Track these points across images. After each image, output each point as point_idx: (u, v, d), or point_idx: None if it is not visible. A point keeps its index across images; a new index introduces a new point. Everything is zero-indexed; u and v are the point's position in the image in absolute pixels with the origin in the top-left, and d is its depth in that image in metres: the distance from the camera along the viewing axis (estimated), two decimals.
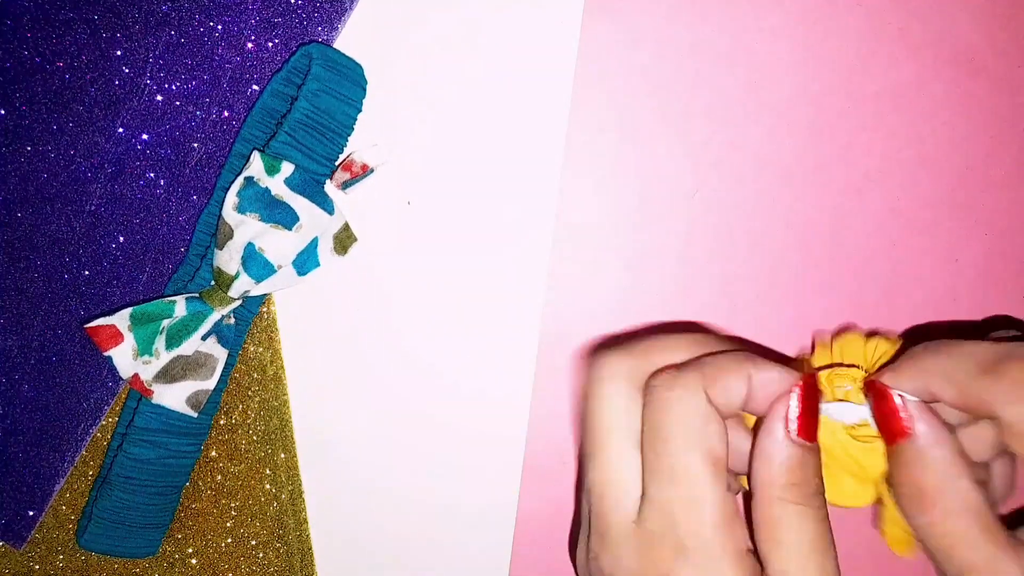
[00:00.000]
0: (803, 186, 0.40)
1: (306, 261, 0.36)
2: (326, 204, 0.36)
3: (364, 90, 0.37)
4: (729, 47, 0.39)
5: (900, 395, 0.28)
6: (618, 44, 0.39)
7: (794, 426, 0.28)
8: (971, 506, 0.27)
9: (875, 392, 0.29)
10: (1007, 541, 0.26)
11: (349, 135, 0.37)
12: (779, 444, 0.28)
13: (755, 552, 0.28)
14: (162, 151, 0.39)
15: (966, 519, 0.26)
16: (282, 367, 0.39)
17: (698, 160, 0.39)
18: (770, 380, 0.28)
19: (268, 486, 0.40)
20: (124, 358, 0.35)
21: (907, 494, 0.27)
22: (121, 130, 0.39)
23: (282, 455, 0.40)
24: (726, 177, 0.40)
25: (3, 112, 0.38)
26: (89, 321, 0.35)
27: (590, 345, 0.40)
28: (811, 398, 0.28)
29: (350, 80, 0.37)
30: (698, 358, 0.29)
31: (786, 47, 0.39)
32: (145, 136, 0.39)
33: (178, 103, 0.38)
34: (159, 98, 0.38)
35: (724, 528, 0.27)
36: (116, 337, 0.35)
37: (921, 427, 0.28)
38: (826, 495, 0.29)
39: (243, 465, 0.40)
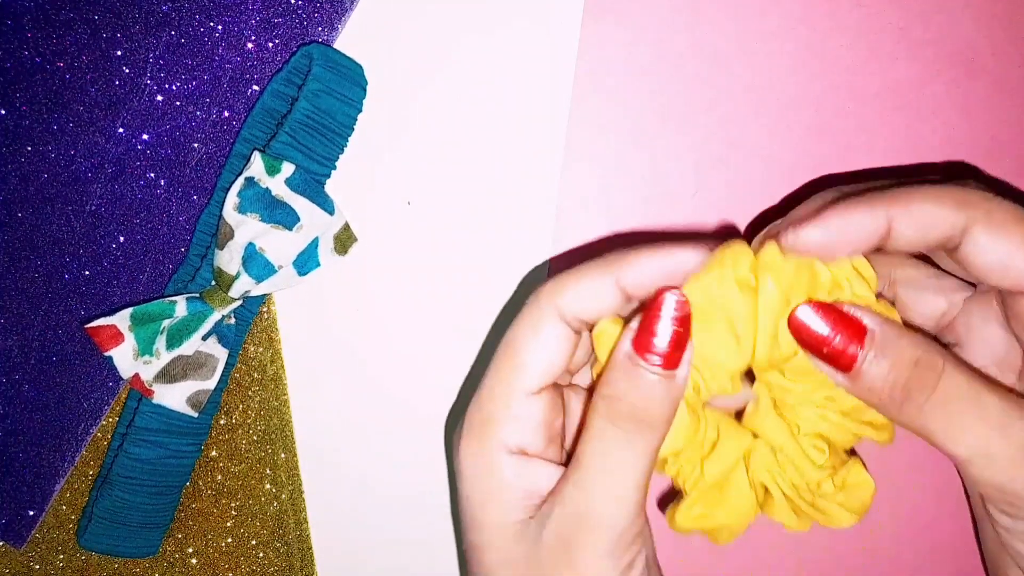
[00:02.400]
0: (804, 186, 0.40)
1: (307, 261, 0.36)
2: (326, 204, 0.36)
3: (364, 90, 0.37)
4: (730, 47, 0.39)
5: (822, 323, 0.25)
6: (618, 44, 0.39)
7: (629, 342, 0.26)
8: (959, 359, 0.25)
9: (796, 328, 0.26)
10: (1015, 399, 0.24)
11: (350, 135, 0.37)
12: (618, 354, 0.26)
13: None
14: (162, 151, 0.39)
15: (967, 368, 0.25)
16: (282, 367, 0.39)
17: (698, 160, 0.39)
18: (645, 271, 0.26)
19: (268, 486, 0.40)
20: (124, 358, 0.35)
21: (905, 378, 0.25)
22: (121, 130, 0.39)
23: (282, 455, 0.40)
24: (727, 177, 0.40)
25: (3, 112, 0.38)
26: (90, 321, 0.35)
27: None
28: (654, 315, 0.25)
29: (350, 80, 0.37)
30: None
31: (786, 47, 0.39)
32: (145, 136, 0.39)
33: (178, 103, 0.38)
34: (159, 98, 0.38)
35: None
36: (117, 337, 0.35)
37: (874, 319, 0.25)
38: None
39: (243, 465, 0.40)
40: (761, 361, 0.27)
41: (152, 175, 0.39)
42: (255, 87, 0.38)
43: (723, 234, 0.40)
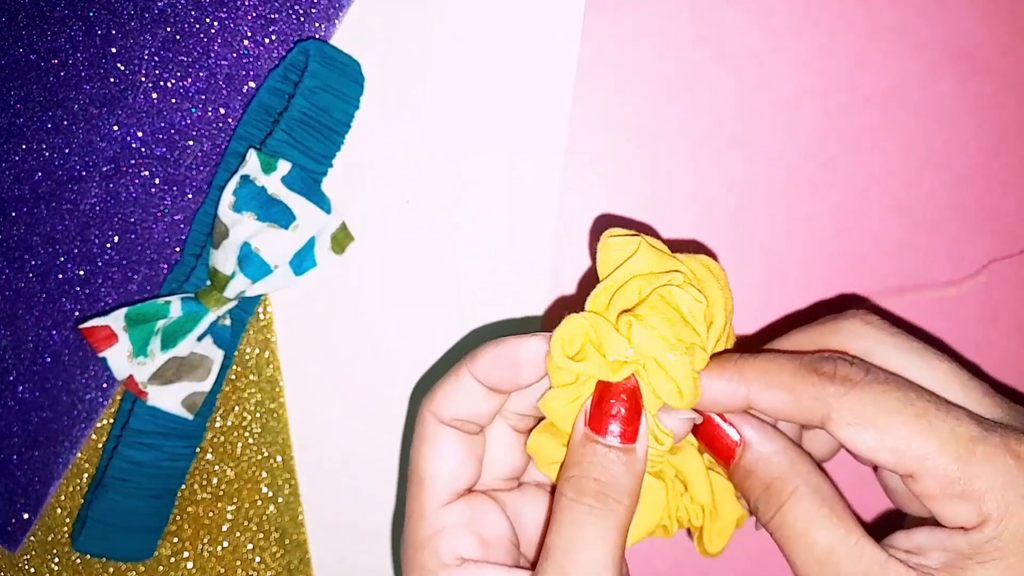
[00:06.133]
0: (807, 185, 0.39)
1: (303, 261, 0.36)
2: (323, 203, 0.36)
3: (362, 87, 0.37)
4: (732, 44, 0.39)
5: (718, 416, 0.27)
6: (620, 40, 0.39)
7: (583, 422, 0.26)
8: (819, 489, 0.26)
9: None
10: (862, 529, 0.25)
11: (347, 132, 0.37)
12: (576, 435, 0.26)
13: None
14: (157, 149, 0.38)
15: (815, 501, 0.25)
16: (278, 369, 0.39)
17: (701, 157, 0.39)
18: (493, 363, 0.27)
19: (264, 489, 0.39)
20: (119, 359, 0.35)
21: (756, 496, 0.26)
22: (116, 128, 0.38)
23: (279, 457, 0.39)
24: (729, 175, 0.39)
25: None
26: (84, 321, 0.35)
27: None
28: (605, 395, 0.26)
29: (348, 77, 0.36)
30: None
31: (791, 44, 0.39)
32: (140, 134, 0.38)
33: (174, 100, 0.38)
34: (154, 95, 0.38)
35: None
36: (111, 338, 0.35)
37: (749, 432, 0.27)
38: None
39: (239, 468, 0.39)
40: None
41: (147, 173, 0.38)
42: (251, 84, 0.38)
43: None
